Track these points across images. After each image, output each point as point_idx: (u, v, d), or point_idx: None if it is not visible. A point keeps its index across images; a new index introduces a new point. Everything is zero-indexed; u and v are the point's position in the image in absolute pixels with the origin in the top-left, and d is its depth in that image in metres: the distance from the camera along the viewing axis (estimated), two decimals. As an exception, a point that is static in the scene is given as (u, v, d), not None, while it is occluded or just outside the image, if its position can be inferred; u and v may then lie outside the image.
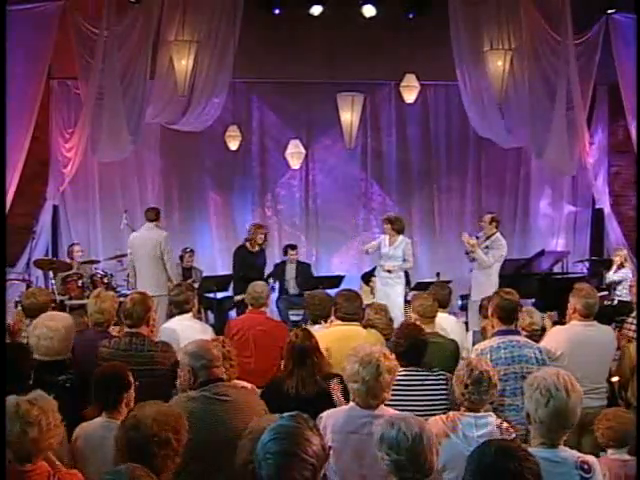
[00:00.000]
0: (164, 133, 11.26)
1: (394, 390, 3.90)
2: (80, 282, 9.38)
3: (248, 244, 9.20)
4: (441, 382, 4.21)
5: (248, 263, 9.12)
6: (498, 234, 8.86)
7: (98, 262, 10.17)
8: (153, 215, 8.86)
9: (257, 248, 9.35)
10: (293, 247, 10.63)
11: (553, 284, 9.80)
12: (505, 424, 3.67)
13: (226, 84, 10.30)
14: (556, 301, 8.63)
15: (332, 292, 6.10)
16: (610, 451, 3.96)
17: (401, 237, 8.79)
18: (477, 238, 8.81)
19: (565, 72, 9.72)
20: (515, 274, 9.02)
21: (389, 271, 8.66)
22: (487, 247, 8.72)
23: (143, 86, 9.58)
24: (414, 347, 4.30)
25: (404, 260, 8.75)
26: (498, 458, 2.36)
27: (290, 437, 2.17)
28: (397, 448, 2.69)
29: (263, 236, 9.62)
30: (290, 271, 10.40)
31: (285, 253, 10.62)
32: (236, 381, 4.25)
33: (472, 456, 2.45)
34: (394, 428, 2.72)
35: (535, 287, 9.70)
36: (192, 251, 10.65)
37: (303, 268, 10.48)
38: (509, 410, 4.29)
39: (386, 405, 3.59)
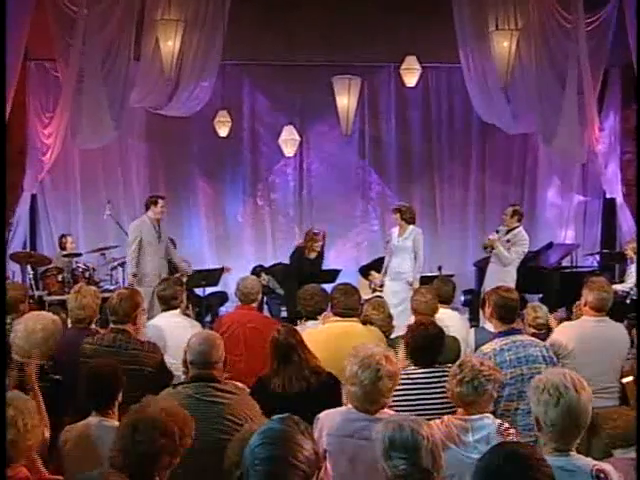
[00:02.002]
0: (149, 118, 11.24)
1: (409, 390, 3.91)
2: (60, 277, 9.34)
3: (305, 249, 9.39)
4: None
5: (300, 267, 9.34)
6: (521, 228, 8.76)
7: (79, 255, 10.12)
8: (146, 204, 8.91)
9: (314, 255, 9.51)
10: None
11: (562, 279, 9.80)
12: (505, 424, 3.65)
13: (216, 66, 10.26)
14: (565, 297, 8.65)
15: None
16: (618, 451, 3.96)
17: (411, 227, 8.67)
18: (497, 232, 8.72)
19: (575, 54, 9.67)
20: (521, 268, 8.98)
21: (410, 284, 8.46)
22: (509, 241, 8.63)
23: (127, 68, 9.53)
24: (427, 345, 4.29)
25: (415, 255, 8.61)
26: (511, 468, 2.30)
27: (280, 442, 2.13)
28: (416, 451, 2.62)
29: (319, 245, 9.63)
30: None
31: None
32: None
33: (481, 464, 2.39)
34: (406, 430, 2.66)
35: (542, 282, 9.69)
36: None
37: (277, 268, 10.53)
38: (515, 414, 4.27)
39: (399, 407, 3.57)
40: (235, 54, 10.66)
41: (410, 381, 4.10)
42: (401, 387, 3.82)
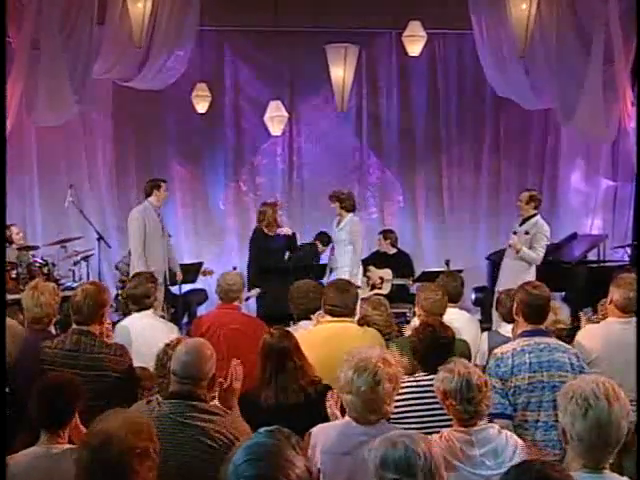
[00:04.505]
0: (117, 92, 11.19)
1: (418, 399, 3.95)
2: (14, 273, 9.27)
3: (265, 227, 9.31)
4: None
5: (263, 249, 9.24)
6: (539, 217, 8.77)
7: (37, 248, 10.06)
8: (146, 189, 8.98)
9: (274, 231, 9.41)
10: None
11: (587, 274, 9.80)
12: (509, 433, 3.68)
13: (192, 33, 10.23)
14: (591, 294, 8.64)
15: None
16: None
17: (349, 216, 9.08)
18: (515, 233, 8.69)
19: (604, 16, 9.62)
20: (541, 262, 8.97)
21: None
22: (527, 233, 8.63)
23: (90, 34, 9.43)
24: (436, 349, 4.30)
25: (351, 245, 8.94)
26: None
27: (268, 458, 2.11)
28: (409, 469, 2.60)
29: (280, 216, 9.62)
30: None
31: None
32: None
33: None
34: (399, 447, 2.65)
35: (565, 278, 9.68)
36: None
37: None
38: (535, 427, 4.25)
39: (407, 417, 3.56)
40: (214, 19, 10.61)
41: (419, 389, 4.12)
42: (408, 395, 3.82)
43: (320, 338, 4.95)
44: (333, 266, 9.26)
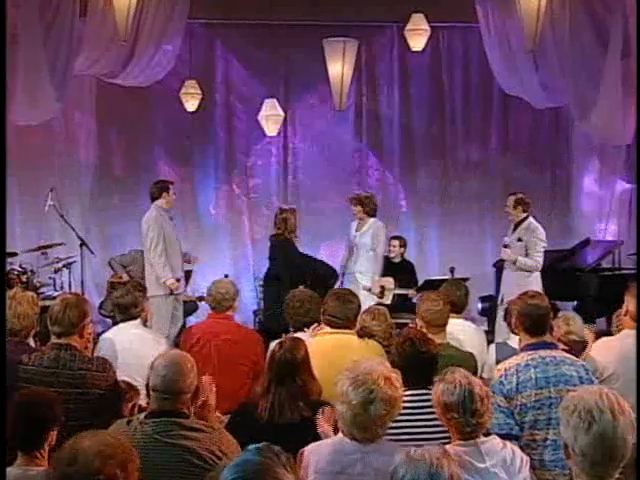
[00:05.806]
0: (101, 89, 11.23)
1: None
2: (-10, 281, 9.29)
3: (290, 235, 9.24)
4: None
5: (295, 257, 9.23)
6: (530, 219, 8.78)
7: (15, 255, 10.04)
8: (154, 192, 8.89)
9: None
10: None
11: (601, 283, 9.79)
12: (512, 445, 3.72)
13: (181, 26, 10.25)
14: (605, 304, 8.64)
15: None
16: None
17: (372, 220, 9.15)
18: (506, 246, 8.71)
19: (621, 5, 9.62)
20: (552, 270, 8.98)
21: (369, 289, 8.82)
22: (520, 239, 8.63)
23: (71, 27, 9.38)
24: (416, 365, 4.28)
25: (373, 251, 9.00)
26: None
27: (256, 476, 2.10)
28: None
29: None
30: None
31: None
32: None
33: None
34: (403, 467, 2.69)
35: (578, 287, 9.68)
36: None
37: None
38: (543, 447, 4.23)
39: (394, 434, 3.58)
40: (205, 11, 10.65)
41: None
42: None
43: (323, 349, 4.92)
44: (347, 270, 9.31)
